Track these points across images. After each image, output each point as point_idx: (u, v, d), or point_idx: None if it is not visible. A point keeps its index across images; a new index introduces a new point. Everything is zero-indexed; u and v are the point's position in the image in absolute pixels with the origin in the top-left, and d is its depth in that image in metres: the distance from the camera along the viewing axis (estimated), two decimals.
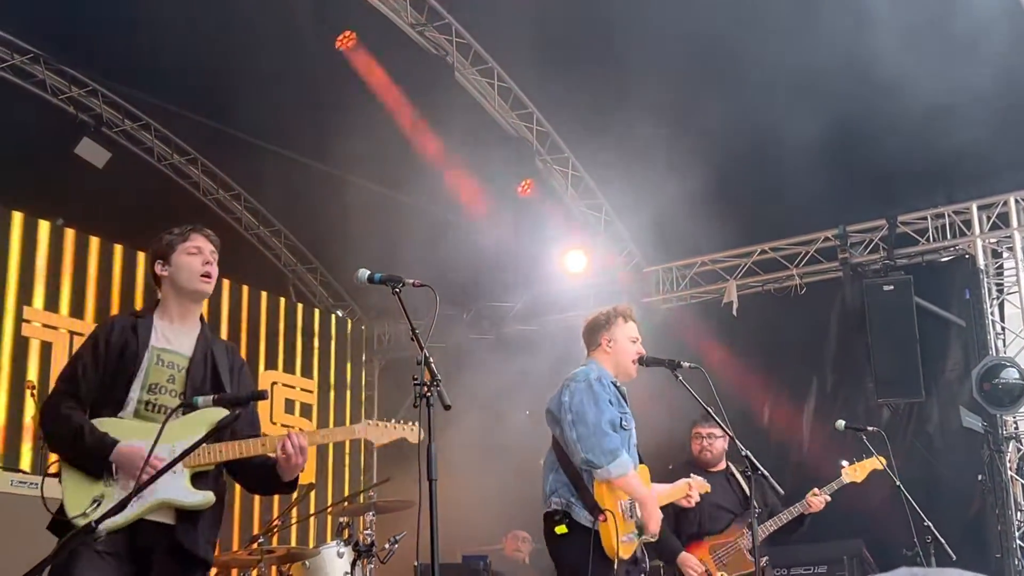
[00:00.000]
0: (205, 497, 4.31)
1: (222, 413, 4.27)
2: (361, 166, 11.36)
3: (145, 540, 4.22)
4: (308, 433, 4.41)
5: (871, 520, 8.48)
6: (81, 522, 4.06)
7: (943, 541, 6.37)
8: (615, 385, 5.93)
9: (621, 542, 5.54)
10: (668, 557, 7.21)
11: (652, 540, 5.85)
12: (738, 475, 7.55)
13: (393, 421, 4.66)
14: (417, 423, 4.43)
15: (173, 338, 4.53)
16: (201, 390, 4.43)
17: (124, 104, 11.71)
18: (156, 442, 3.93)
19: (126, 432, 4.27)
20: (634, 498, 5.64)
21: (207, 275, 4.62)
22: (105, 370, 4.38)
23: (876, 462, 7.20)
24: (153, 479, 3.88)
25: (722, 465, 7.65)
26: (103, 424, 4.28)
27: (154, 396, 4.39)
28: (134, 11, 9.60)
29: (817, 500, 7.27)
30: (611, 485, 5.57)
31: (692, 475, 6.46)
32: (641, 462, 5.95)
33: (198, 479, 4.31)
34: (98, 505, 4.14)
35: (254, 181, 12.73)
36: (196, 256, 4.62)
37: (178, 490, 4.25)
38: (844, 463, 7.29)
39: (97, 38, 10.21)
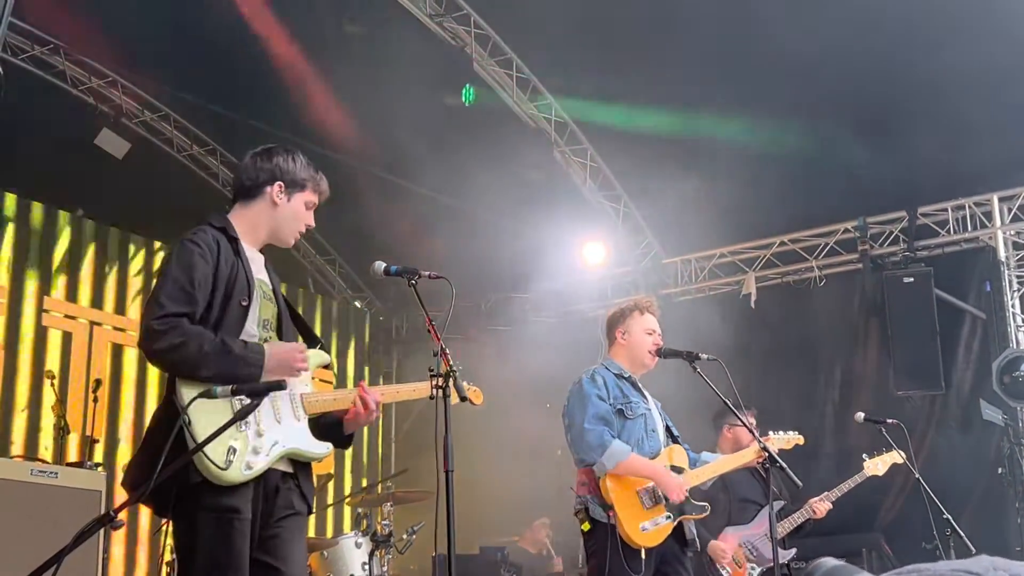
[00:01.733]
0: (327, 448, 4.11)
1: (326, 356, 4.23)
2: (377, 157, 11.38)
3: (270, 489, 3.96)
4: (378, 388, 4.32)
5: (890, 513, 8.47)
6: (225, 475, 3.71)
7: (962, 534, 6.33)
8: (624, 377, 5.93)
9: (643, 531, 5.54)
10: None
11: (705, 513, 5.83)
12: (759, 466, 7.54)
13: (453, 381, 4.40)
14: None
15: (258, 267, 4.22)
16: (288, 329, 4.25)
17: (144, 95, 11.73)
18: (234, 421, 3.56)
19: None
20: (643, 477, 5.65)
21: (302, 233, 4.43)
22: (213, 295, 3.94)
23: (896, 455, 7.16)
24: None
25: None
26: (202, 413, 3.74)
27: (267, 333, 4.13)
28: (152, 3, 9.62)
29: (822, 506, 7.24)
30: (618, 476, 5.58)
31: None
32: (676, 442, 5.97)
33: (311, 428, 4.11)
34: (234, 456, 3.75)
35: None
36: (310, 211, 4.41)
37: (306, 439, 4.04)
38: (865, 456, 7.26)
39: (117, 29, 10.23)
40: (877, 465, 7.24)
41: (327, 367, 4.42)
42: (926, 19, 8.56)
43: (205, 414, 3.71)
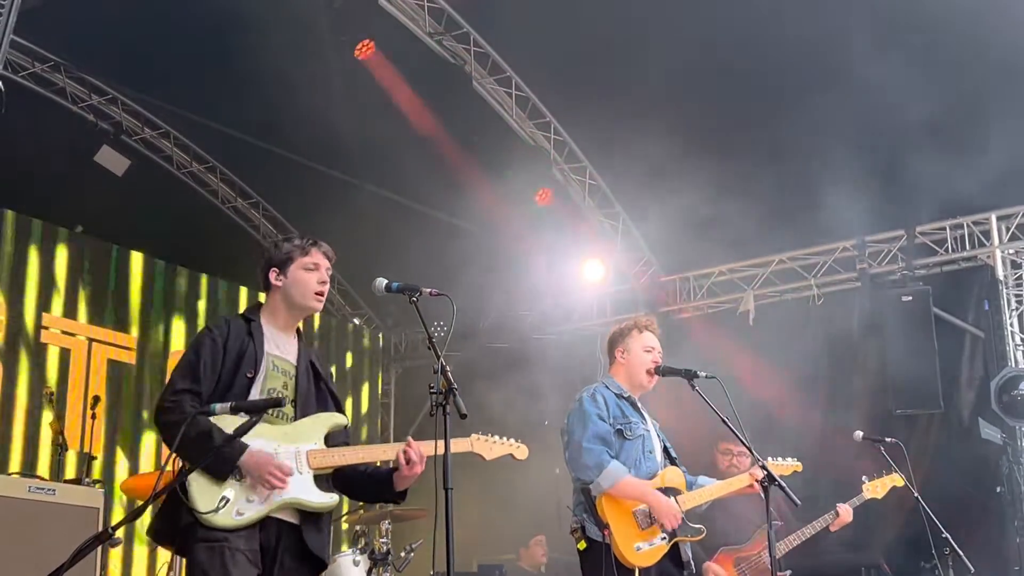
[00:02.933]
0: (332, 499, 4.35)
1: (341, 418, 4.49)
2: (378, 175, 11.40)
3: (269, 538, 4.25)
4: (425, 443, 4.42)
5: (889, 532, 8.45)
6: (212, 519, 4.08)
7: (961, 553, 6.33)
8: (624, 396, 5.94)
9: (638, 551, 5.55)
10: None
11: (701, 536, 5.83)
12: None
13: (500, 438, 4.77)
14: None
15: (281, 345, 4.56)
16: (308, 397, 4.51)
17: (144, 112, 11.77)
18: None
19: (250, 434, 4.18)
20: (638, 501, 5.65)
21: (321, 293, 4.63)
22: (223, 369, 4.34)
23: (896, 478, 7.14)
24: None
25: None
26: (228, 425, 4.15)
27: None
28: (154, 20, 9.65)
29: (844, 511, 7.19)
30: (614, 496, 5.59)
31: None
32: (674, 464, 5.97)
33: (321, 481, 4.36)
34: (226, 503, 4.11)
35: (272, 189, 12.78)
36: (313, 272, 4.62)
37: (307, 490, 4.28)
38: (865, 479, 7.25)
39: (117, 46, 10.26)
40: (876, 488, 7.22)
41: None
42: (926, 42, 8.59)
43: (200, 480, 4.15)
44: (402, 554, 8.24)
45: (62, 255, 10.90)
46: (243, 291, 12.73)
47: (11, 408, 10.11)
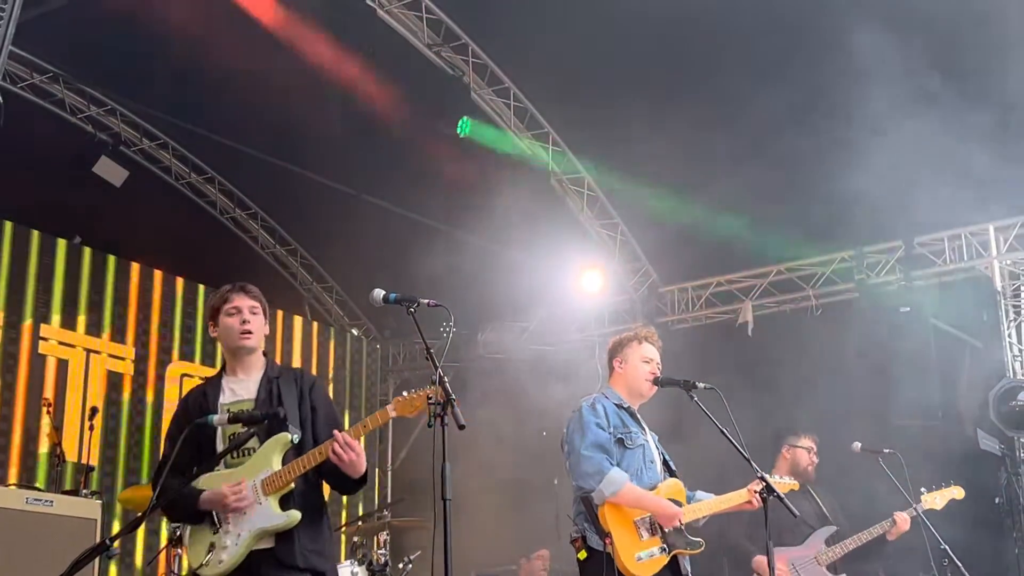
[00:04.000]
0: (289, 517, 4.60)
1: (285, 436, 4.67)
2: (376, 185, 11.41)
3: (256, 566, 4.59)
4: (349, 429, 4.70)
5: (888, 542, 8.43)
6: (204, 572, 4.58)
7: (960, 564, 6.32)
8: (623, 407, 5.93)
9: (638, 561, 5.53)
10: (740, 560, 7.16)
11: (700, 549, 5.81)
12: (812, 491, 7.55)
13: (415, 391, 4.76)
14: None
15: (239, 388, 4.87)
16: (271, 427, 4.67)
17: (142, 123, 11.78)
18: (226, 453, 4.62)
19: (217, 481, 4.64)
20: (639, 507, 5.63)
21: (246, 332, 4.88)
22: (189, 436, 4.54)
23: (957, 490, 7.23)
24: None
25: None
26: (201, 481, 4.64)
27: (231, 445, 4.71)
28: (153, 31, 9.66)
29: (903, 520, 7.17)
30: (616, 505, 5.58)
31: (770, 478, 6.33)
32: (673, 475, 5.96)
33: (286, 501, 4.64)
34: (212, 551, 4.59)
35: (271, 200, 12.79)
36: (235, 316, 4.91)
37: (267, 517, 4.60)
38: (923, 490, 7.25)
39: (116, 58, 10.27)
40: (935, 499, 7.23)
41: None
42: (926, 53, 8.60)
43: (192, 526, 4.74)
44: (400, 565, 8.23)
45: (60, 266, 10.90)
46: None
47: (9, 419, 10.10)
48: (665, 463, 6.01)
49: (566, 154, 11.54)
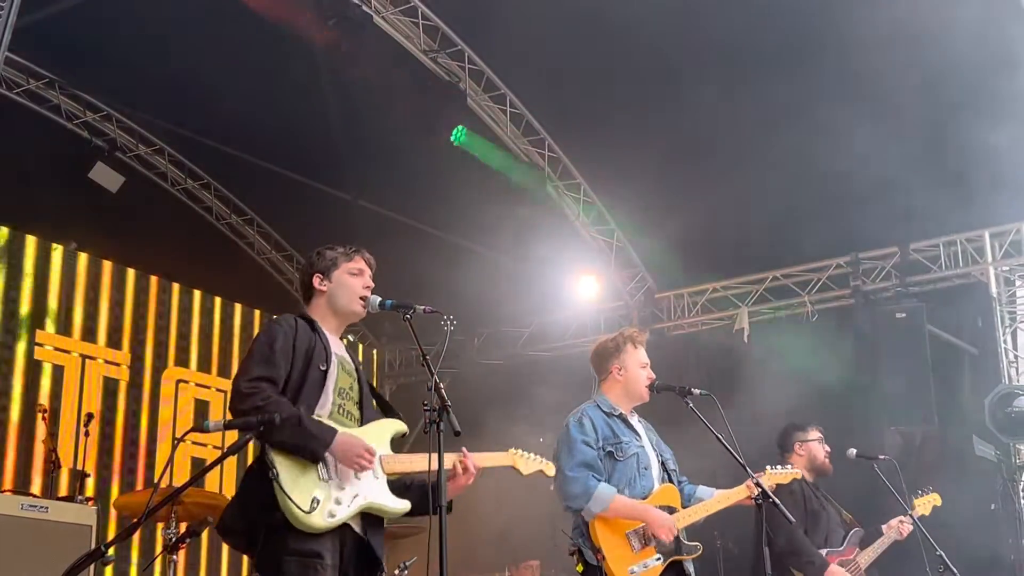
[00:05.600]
0: (405, 505, 4.44)
1: (403, 426, 4.60)
2: (372, 190, 11.41)
3: (348, 543, 4.32)
4: (479, 455, 4.63)
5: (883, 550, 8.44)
6: (309, 519, 4.09)
7: (955, 571, 6.32)
8: (614, 415, 5.88)
9: (632, 574, 5.50)
10: (817, 569, 6.81)
11: (696, 554, 5.79)
12: (825, 493, 7.52)
13: (534, 455, 4.91)
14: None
15: (335, 346, 4.60)
16: (368, 402, 4.61)
17: (138, 129, 11.77)
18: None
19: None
20: (631, 519, 5.61)
21: (364, 298, 4.68)
22: (295, 362, 4.38)
23: (936, 498, 7.24)
24: None
25: (812, 477, 7.47)
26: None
27: (343, 401, 4.49)
28: (147, 37, 9.66)
29: (906, 527, 7.16)
30: (606, 519, 5.55)
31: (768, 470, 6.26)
32: (671, 480, 5.93)
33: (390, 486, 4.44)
34: (317, 505, 4.13)
35: (266, 206, 12.79)
36: (358, 277, 4.72)
37: (384, 495, 4.38)
38: (916, 494, 7.26)
39: (111, 63, 10.27)
40: (922, 505, 7.23)
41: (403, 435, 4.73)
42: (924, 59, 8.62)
43: (290, 466, 4.15)
44: (396, 571, 8.21)
45: (56, 272, 10.89)
46: (237, 308, 12.73)
47: (5, 425, 10.09)
48: (663, 465, 5.96)
49: (562, 160, 11.54)
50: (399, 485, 4.54)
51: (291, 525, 4.09)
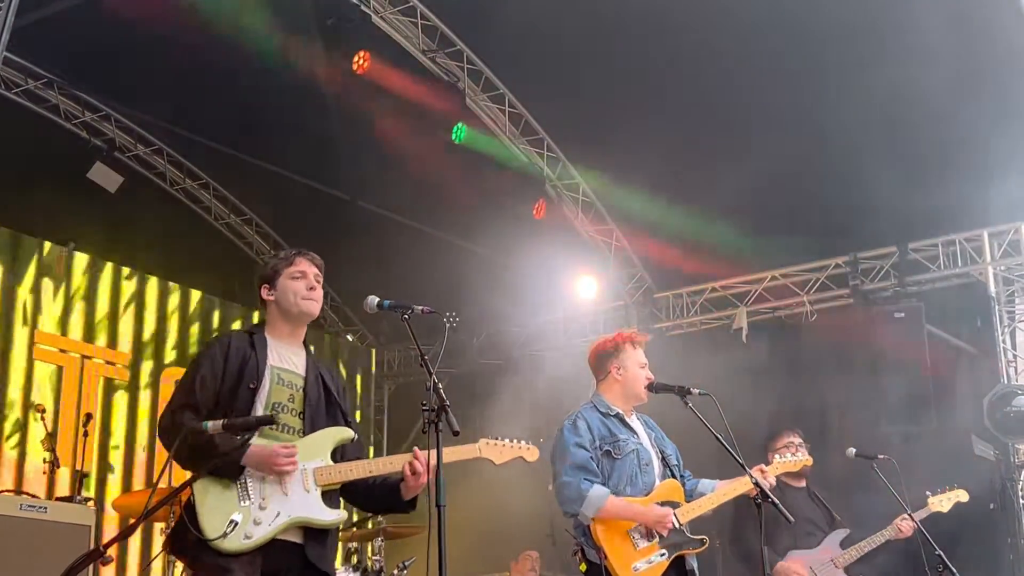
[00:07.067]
0: (339, 515, 4.44)
1: (348, 432, 4.52)
2: (370, 191, 11.41)
3: (275, 560, 4.30)
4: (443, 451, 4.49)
5: (883, 548, 8.44)
6: (222, 544, 4.13)
7: (954, 570, 6.32)
8: (611, 414, 5.87)
9: (635, 571, 5.51)
10: (758, 566, 7.05)
11: (702, 548, 5.79)
12: (816, 493, 7.54)
13: (509, 440, 4.86)
14: (531, 443, 4.63)
15: (288, 356, 4.66)
16: (317, 409, 4.57)
17: (137, 129, 11.76)
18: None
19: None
20: (625, 519, 5.61)
21: (310, 298, 4.72)
22: (224, 384, 4.43)
23: (961, 493, 7.24)
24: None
25: (803, 482, 7.56)
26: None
27: (277, 415, 4.45)
28: (147, 38, 9.65)
29: (907, 525, 7.17)
30: (605, 520, 5.56)
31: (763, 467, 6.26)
32: (673, 475, 5.93)
33: (329, 498, 4.43)
34: (234, 527, 4.17)
35: (265, 206, 12.79)
36: (300, 280, 4.73)
37: (314, 508, 4.35)
38: (928, 493, 7.26)
39: (110, 63, 10.27)
40: (941, 502, 7.23)
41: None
42: (921, 60, 8.62)
43: (210, 492, 4.23)
44: (395, 571, 8.22)
45: (55, 272, 10.88)
46: (236, 307, 12.73)
47: (3, 425, 10.08)
48: (664, 461, 5.95)
49: (561, 160, 11.55)
50: (362, 487, 4.56)
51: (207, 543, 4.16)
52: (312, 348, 4.83)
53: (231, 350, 4.52)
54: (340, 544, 10.54)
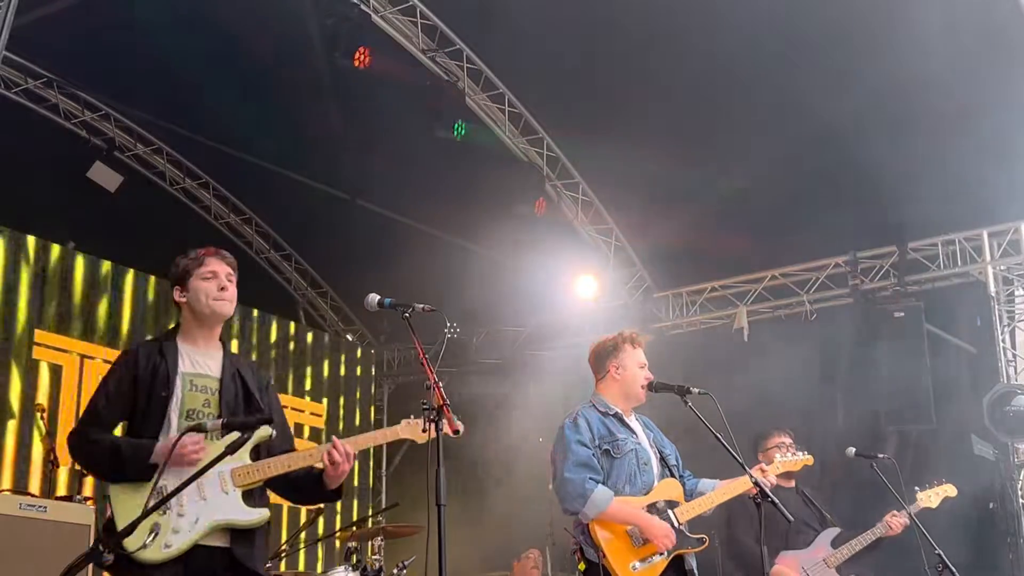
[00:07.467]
0: (261, 515, 4.38)
1: (264, 430, 4.32)
2: (370, 191, 11.41)
3: (200, 566, 4.25)
4: (351, 439, 4.48)
5: (882, 548, 8.44)
6: (142, 555, 4.06)
7: (953, 569, 6.32)
8: (610, 414, 5.87)
9: (633, 571, 5.50)
10: (752, 566, 7.02)
11: (701, 547, 5.78)
12: (807, 493, 7.53)
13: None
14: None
15: (200, 361, 4.58)
16: (235, 410, 4.48)
17: (136, 128, 11.77)
18: (216, 462, 4.01)
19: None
20: (627, 524, 5.60)
21: (223, 299, 4.65)
22: (135, 396, 4.40)
23: (950, 488, 7.23)
24: (199, 473, 3.91)
25: (792, 482, 7.56)
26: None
27: (192, 421, 4.39)
28: (147, 37, 9.66)
29: (897, 522, 7.18)
30: (603, 521, 5.55)
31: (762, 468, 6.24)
32: (672, 475, 5.93)
33: (248, 497, 4.36)
34: (156, 536, 4.11)
35: (265, 205, 12.79)
36: (211, 280, 4.66)
37: (235, 510, 4.30)
38: (917, 488, 7.26)
39: (110, 63, 10.27)
40: (930, 497, 7.24)
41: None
42: (922, 58, 8.62)
43: (125, 500, 4.22)
44: (395, 571, 8.21)
45: (55, 271, 10.87)
46: (235, 307, 12.71)
47: (2, 424, 10.07)
48: (663, 461, 5.95)
49: (560, 159, 11.55)
50: (288, 481, 4.50)
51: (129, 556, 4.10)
52: (231, 345, 4.76)
53: (139, 362, 4.47)
54: (339, 544, 10.56)
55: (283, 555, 8.42)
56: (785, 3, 8.97)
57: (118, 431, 4.47)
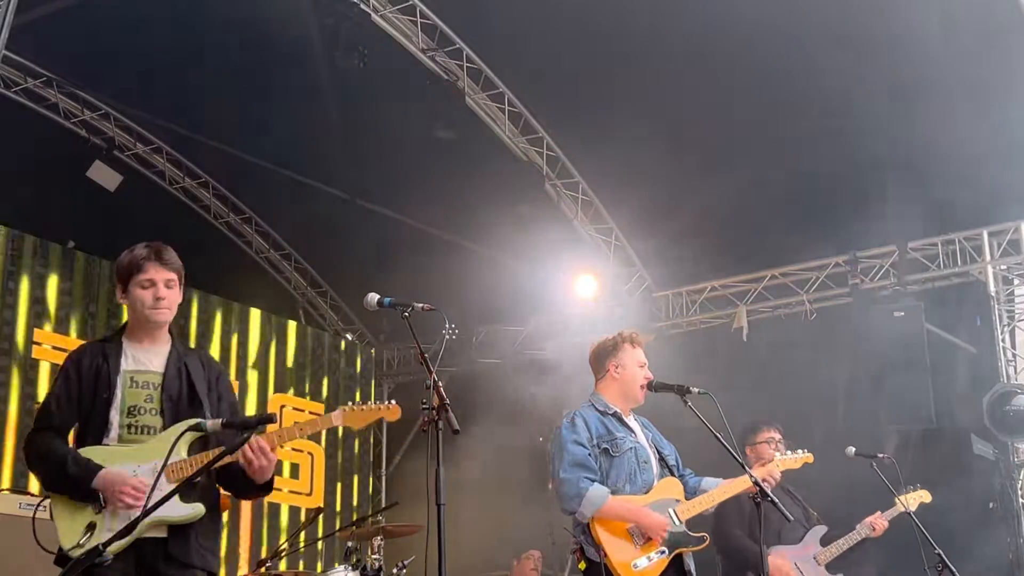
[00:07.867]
0: (194, 510, 4.34)
1: (194, 422, 4.29)
2: (370, 191, 11.41)
3: (147, 556, 4.26)
4: (270, 434, 4.40)
5: (882, 547, 8.44)
6: (76, 553, 4.09)
7: (953, 569, 6.32)
8: (609, 413, 5.87)
9: (635, 569, 5.50)
10: (747, 562, 7.00)
11: (702, 545, 5.78)
12: (794, 491, 7.54)
13: (370, 403, 4.56)
14: (394, 401, 4.45)
15: (144, 358, 4.56)
16: (178, 405, 4.47)
17: (136, 128, 11.77)
18: (165, 464, 4.08)
19: (111, 457, 4.29)
20: (623, 520, 5.60)
21: (159, 309, 4.59)
22: (81, 398, 4.42)
23: (925, 494, 7.25)
24: (152, 508, 3.92)
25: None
26: (88, 452, 4.31)
27: (134, 419, 4.41)
28: (147, 37, 9.66)
29: (880, 523, 7.20)
30: (603, 519, 5.55)
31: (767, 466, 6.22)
32: (672, 474, 5.92)
33: (187, 493, 4.27)
34: (91, 533, 4.17)
35: (265, 205, 12.79)
36: (148, 289, 4.60)
37: (169, 508, 4.16)
38: (894, 492, 7.27)
39: (109, 62, 10.27)
40: (908, 501, 7.24)
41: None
42: (920, 58, 8.63)
43: (66, 503, 4.28)
44: (394, 570, 8.21)
45: (54, 270, 10.87)
46: (235, 306, 12.71)
47: (2, 424, 10.07)
48: (663, 460, 5.95)
49: (560, 159, 11.54)
50: (228, 474, 4.47)
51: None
52: (185, 340, 4.73)
53: (83, 364, 4.49)
54: (339, 543, 10.55)
55: (282, 554, 8.41)
56: (785, 3, 8.97)
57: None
